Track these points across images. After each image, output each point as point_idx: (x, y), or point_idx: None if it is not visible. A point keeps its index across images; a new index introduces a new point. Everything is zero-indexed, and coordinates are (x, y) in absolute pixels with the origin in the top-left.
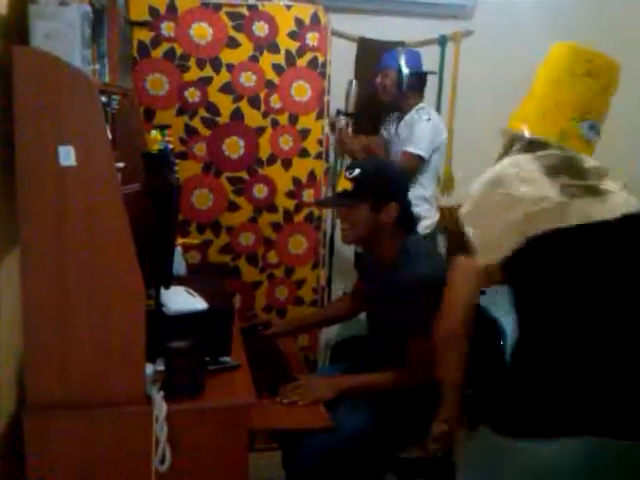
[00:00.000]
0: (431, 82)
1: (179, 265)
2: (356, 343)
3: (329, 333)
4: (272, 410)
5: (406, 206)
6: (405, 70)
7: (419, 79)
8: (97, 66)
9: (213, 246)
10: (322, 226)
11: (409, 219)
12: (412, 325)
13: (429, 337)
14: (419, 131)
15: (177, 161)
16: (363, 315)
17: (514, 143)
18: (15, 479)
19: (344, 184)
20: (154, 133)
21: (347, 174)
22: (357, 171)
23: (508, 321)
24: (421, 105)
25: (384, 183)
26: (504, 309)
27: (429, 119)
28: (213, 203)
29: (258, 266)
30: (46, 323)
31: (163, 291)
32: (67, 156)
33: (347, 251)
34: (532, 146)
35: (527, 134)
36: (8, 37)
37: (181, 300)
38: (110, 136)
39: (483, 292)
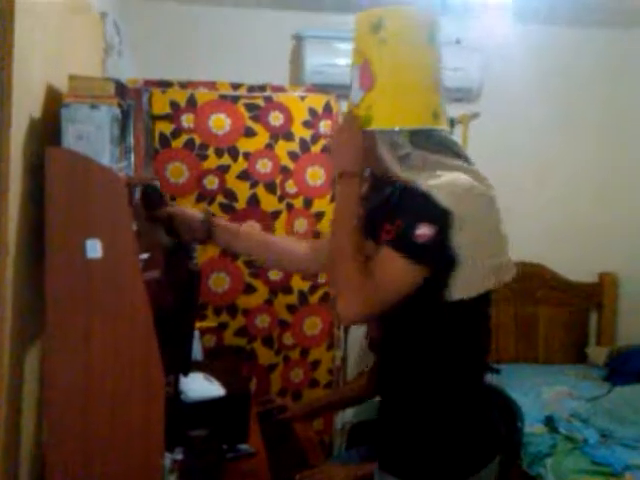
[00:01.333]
0: None
1: (196, 350)
2: (373, 426)
3: (345, 416)
4: None
5: None
6: None
7: None
8: (124, 163)
9: (229, 329)
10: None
11: None
12: None
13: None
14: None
15: (197, 246)
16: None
17: (395, 142)
18: None
19: None
20: None
21: None
22: None
23: (525, 401)
24: None
25: None
26: (520, 389)
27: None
28: (229, 286)
29: (273, 348)
30: (68, 411)
31: (182, 378)
32: (94, 249)
33: (361, 330)
34: (415, 140)
35: (406, 127)
36: (42, 138)
37: (199, 387)
38: (135, 228)
39: (498, 371)
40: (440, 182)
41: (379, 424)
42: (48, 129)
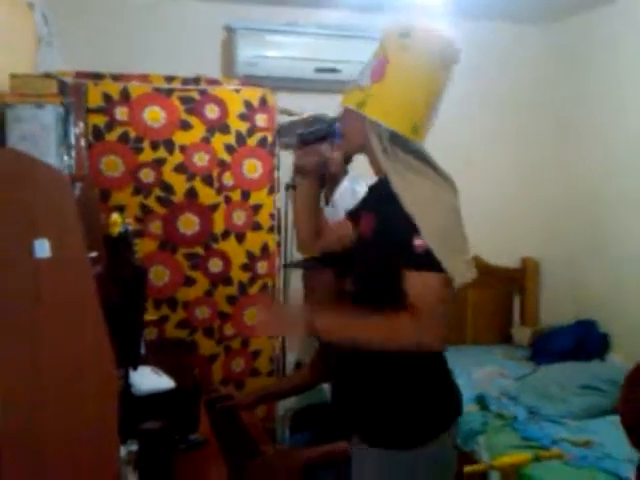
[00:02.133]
0: None
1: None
2: (315, 412)
3: (286, 403)
4: None
5: None
6: None
7: None
8: (66, 159)
9: (170, 321)
10: (277, 296)
11: None
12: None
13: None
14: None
15: (136, 240)
16: (322, 385)
17: (381, 135)
18: None
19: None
20: (115, 216)
21: None
22: None
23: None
24: (352, 173)
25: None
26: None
27: (367, 184)
28: (169, 279)
29: (214, 338)
30: (19, 408)
31: (131, 371)
32: (42, 248)
33: None
34: (395, 139)
35: (386, 126)
36: None
37: (149, 380)
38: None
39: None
40: (407, 188)
41: (341, 403)
42: None
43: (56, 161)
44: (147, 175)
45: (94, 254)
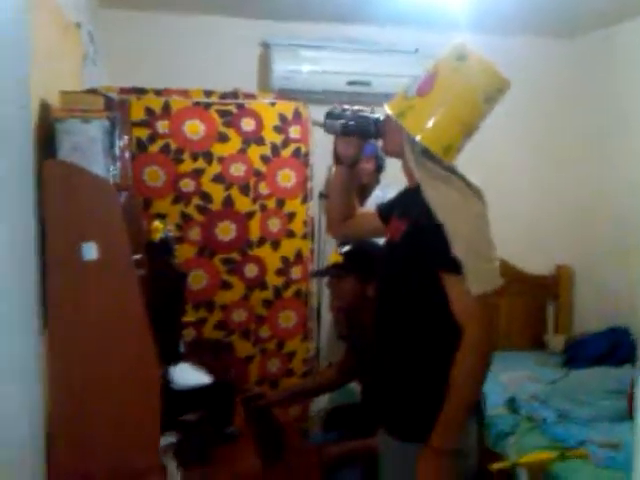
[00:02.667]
0: None
1: None
2: (348, 411)
3: (320, 402)
4: (273, 475)
5: None
6: (383, 158)
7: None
8: (114, 171)
9: (208, 323)
10: (310, 301)
11: None
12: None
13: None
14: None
15: (176, 246)
16: (353, 384)
17: (414, 146)
18: None
19: (335, 257)
20: (156, 223)
21: (339, 249)
22: (347, 247)
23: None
24: (385, 182)
25: (371, 258)
26: None
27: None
28: (207, 283)
29: (250, 340)
30: (70, 400)
31: (171, 368)
32: (89, 251)
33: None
34: (425, 154)
35: (420, 141)
36: (39, 151)
37: (187, 375)
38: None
39: None
40: (437, 197)
41: (371, 400)
42: (42, 142)
43: (103, 171)
44: (187, 185)
45: (138, 256)
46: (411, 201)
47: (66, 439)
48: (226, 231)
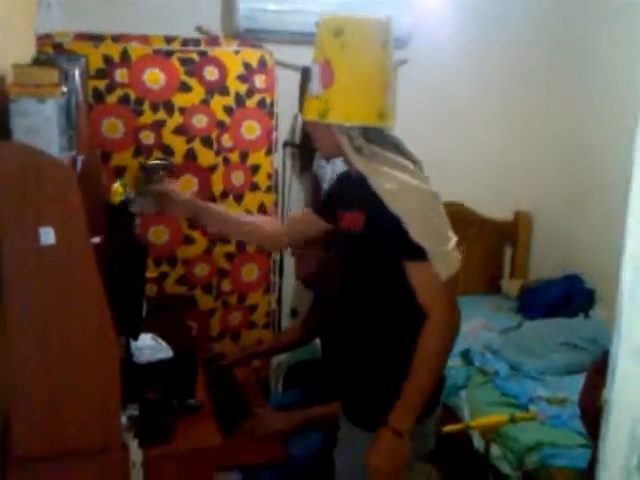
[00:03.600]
0: None
1: None
2: (309, 367)
3: (280, 356)
4: (234, 446)
5: None
6: None
7: None
8: (71, 150)
9: (169, 278)
10: (273, 255)
11: None
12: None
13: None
14: None
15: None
16: (314, 341)
17: (351, 135)
18: None
19: None
20: (116, 186)
21: None
22: None
23: None
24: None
25: None
26: None
27: None
28: (169, 238)
29: (212, 294)
30: (30, 380)
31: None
32: (47, 236)
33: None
34: (367, 134)
35: (353, 124)
36: None
37: (149, 349)
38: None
39: None
40: (384, 183)
41: (330, 364)
42: None
43: (58, 151)
44: (147, 137)
45: (97, 239)
46: (359, 190)
47: (25, 418)
48: (188, 185)
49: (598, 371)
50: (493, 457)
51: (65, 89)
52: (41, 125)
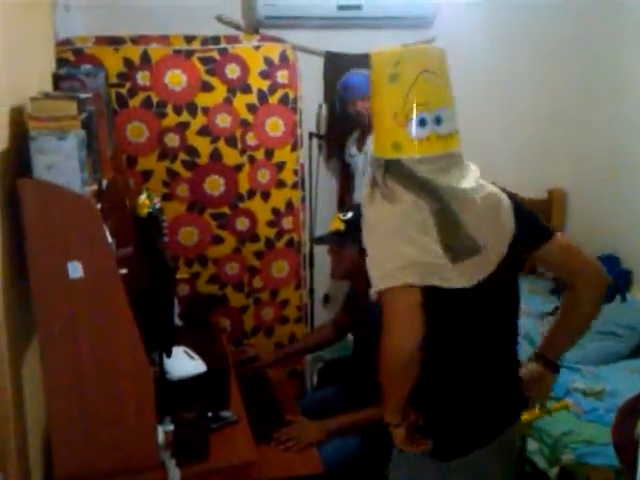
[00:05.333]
0: None
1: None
2: (343, 365)
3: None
4: (269, 457)
5: None
6: None
7: None
8: (95, 185)
9: (201, 278)
10: (302, 249)
11: None
12: None
13: None
14: None
15: (162, 203)
16: (349, 336)
17: (377, 167)
18: None
19: (337, 224)
20: (142, 198)
21: (341, 215)
22: (349, 214)
23: None
24: None
25: None
26: None
27: None
28: (198, 238)
29: (244, 292)
30: (66, 405)
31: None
32: (75, 270)
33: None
34: (389, 167)
35: (375, 155)
36: (12, 170)
37: (182, 364)
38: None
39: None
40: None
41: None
42: (18, 160)
43: (80, 186)
44: (172, 140)
45: (124, 271)
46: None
47: (62, 442)
48: (215, 186)
49: (632, 407)
50: (530, 452)
51: (84, 115)
52: (62, 162)
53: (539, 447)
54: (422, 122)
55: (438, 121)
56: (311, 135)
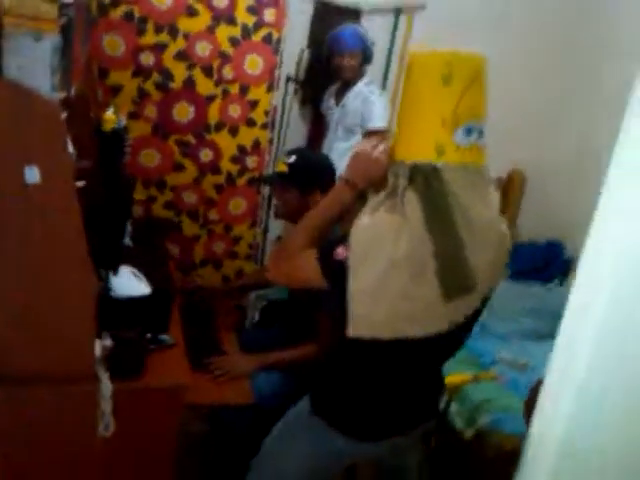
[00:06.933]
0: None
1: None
2: (284, 306)
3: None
4: (201, 384)
5: None
6: (372, 49)
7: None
8: (64, 92)
9: (157, 202)
10: (262, 190)
11: None
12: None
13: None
14: (379, 106)
15: (128, 121)
16: None
17: (397, 174)
18: None
19: (281, 167)
20: (109, 113)
21: (285, 159)
22: (293, 158)
23: None
24: (368, 78)
25: (314, 173)
26: None
27: (380, 94)
28: (159, 163)
29: (199, 222)
30: (9, 306)
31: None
32: (32, 175)
33: None
34: (414, 174)
35: (402, 162)
36: None
37: (127, 284)
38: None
39: None
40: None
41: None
42: None
43: (49, 90)
44: (147, 58)
45: (81, 183)
46: None
47: (5, 346)
48: (183, 113)
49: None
50: (451, 413)
51: (63, 20)
52: (34, 65)
53: (459, 409)
54: (469, 132)
55: (481, 134)
56: (288, 79)
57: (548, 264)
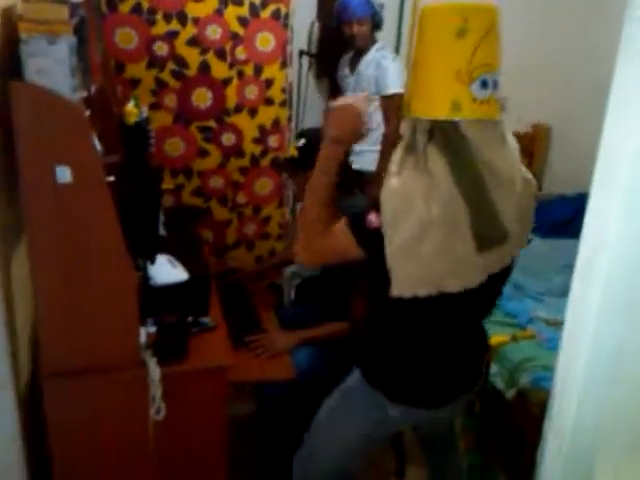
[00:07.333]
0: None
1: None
2: (317, 283)
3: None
4: (244, 363)
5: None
6: (381, 15)
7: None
8: (85, 91)
9: (185, 190)
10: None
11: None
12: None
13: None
14: (393, 71)
15: (149, 112)
16: None
17: (415, 129)
18: (37, 437)
19: (292, 151)
20: (130, 106)
21: (295, 142)
22: (302, 141)
23: None
24: (380, 44)
25: None
26: None
27: (394, 58)
28: (184, 150)
29: (228, 206)
30: (53, 304)
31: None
32: (63, 174)
33: None
34: (435, 131)
35: (419, 117)
36: (4, 73)
37: (165, 271)
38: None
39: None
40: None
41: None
42: (9, 63)
43: (69, 91)
44: (161, 48)
45: (112, 179)
46: None
47: (52, 342)
48: (202, 98)
49: None
50: (491, 374)
51: (75, 20)
52: (52, 66)
53: (500, 370)
54: (484, 84)
55: (495, 85)
56: (301, 53)
57: (578, 216)
